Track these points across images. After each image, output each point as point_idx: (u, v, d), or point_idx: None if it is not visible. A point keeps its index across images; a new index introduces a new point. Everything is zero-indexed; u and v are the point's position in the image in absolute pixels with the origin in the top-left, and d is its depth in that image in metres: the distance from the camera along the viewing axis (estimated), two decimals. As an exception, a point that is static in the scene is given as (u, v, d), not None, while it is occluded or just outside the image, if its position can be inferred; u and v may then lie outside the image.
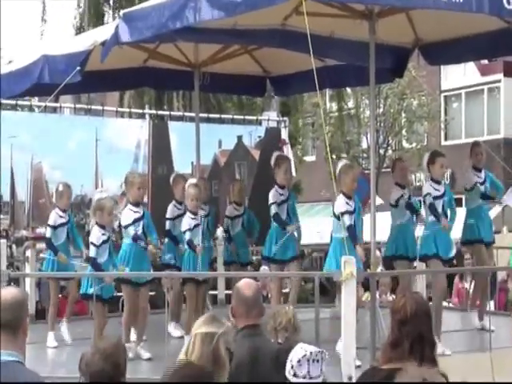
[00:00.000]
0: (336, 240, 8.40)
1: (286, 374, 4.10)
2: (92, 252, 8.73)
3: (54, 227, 9.79)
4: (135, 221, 8.88)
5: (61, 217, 9.85)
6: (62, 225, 9.84)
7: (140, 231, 8.92)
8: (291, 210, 9.79)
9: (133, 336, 8.96)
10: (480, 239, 9.64)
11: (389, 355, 4.15)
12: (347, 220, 8.31)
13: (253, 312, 4.99)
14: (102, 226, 8.84)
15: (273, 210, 9.49)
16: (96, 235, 8.80)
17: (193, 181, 9.76)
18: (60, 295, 10.51)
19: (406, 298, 4.28)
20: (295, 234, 9.73)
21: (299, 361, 4.04)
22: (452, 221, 8.96)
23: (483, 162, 9.89)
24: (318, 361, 4.02)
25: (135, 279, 8.80)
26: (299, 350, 4.12)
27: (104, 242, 8.80)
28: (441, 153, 9.26)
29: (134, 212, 8.92)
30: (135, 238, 8.80)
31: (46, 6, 22.15)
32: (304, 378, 4.01)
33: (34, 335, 9.22)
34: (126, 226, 8.85)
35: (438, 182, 8.89)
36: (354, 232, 8.37)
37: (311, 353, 4.04)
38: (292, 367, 4.07)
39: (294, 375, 4.06)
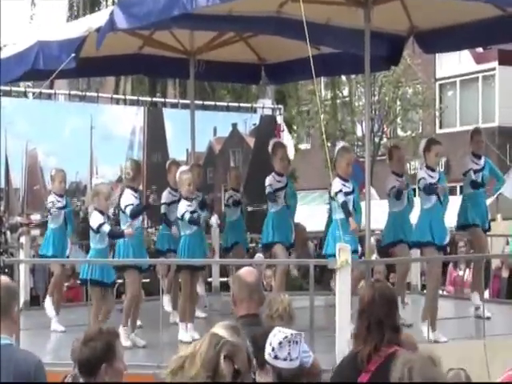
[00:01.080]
0: (335, 222, 8.44)
1: (266, 356, 4.13)
2: (106, 228, 8.72)
3: (52, 213, 9.85)
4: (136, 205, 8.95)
5: (58, 201, 9.88)
6: (59, 208, 9.87)
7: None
8: (289, 199, 9.83)
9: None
10: (475, 223, 9.65)
11: (354, 341, 4.43)
12: (341, 197, 8.34)
13: (255, 296, 4.99)
14: (101, 212, 8.86)
15: (268, 189, 9.48)
16: (97, 219, 8.81)
17: (184, 168, 9.75)
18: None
19: (366, 287, 4.45)
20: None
21: (280, 343, 4.07)
22: (444, 207, 8.95)
23: (483, 149, 9.90)
24: (296, 342, 4.08)
25: (139, 265, 8.84)
26: (279, 334, 4.15)
27: (104, 223, 8.84)
28: (437, 141, 9.24)
29: (135, 197, 8.96)
30: (133, 215, 8.82)
31: None
32: (285, 359, 4.05)
33: (28, 321, 9.24)
34: (126, 206, 8.85)
35: (433, 170, 8.87)
36: (347, 208, 8.40)
37: (291, 334, 4.09)
38: (273, 349, 4.10)
39: (275, 357, 4.10)
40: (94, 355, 3.95)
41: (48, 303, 9.83)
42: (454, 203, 9.97)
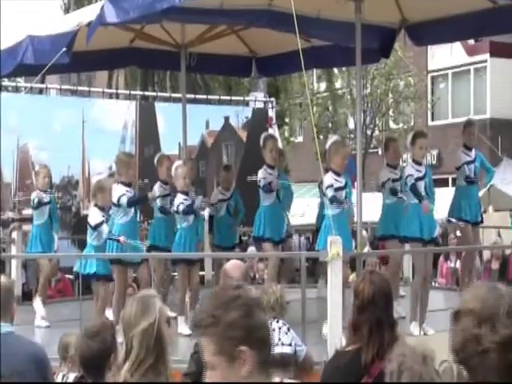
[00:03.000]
0: (326, 217, 8.37)
1: None
2: (105, 228, 8.71)
3: (35, 207, 9.83)
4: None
5: (42, 197, 9.85)
6: (43, 204, 9.84)
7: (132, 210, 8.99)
8: (281, 191, 9.90)
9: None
10: (466, 219, 9.68)
11: (351, 338, 4.32)
12: (330, 192, 8.28)
13: None
14: (101, 208, 8.85)
15: (262, 182, 9.49)
16: (96, 217, 8.81)
17: (179, 162, 9.76)
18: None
19: (364, 281, 4.35)
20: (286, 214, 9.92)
21: None
22: (432, 202, 8.94)
23: (474, 141, 9.90)
24: (274, 330, 4.03)
25: (129, 259, 8.83)
26: None
27: (102, 223, 8.85)
28: (422, 133, 9.23)
29: (126, 191, 8.93)
30: (130, 203, 8.80)
31: None
32: None
33: (20, 317, 9.21)
34: (119, 197, 8.84)
35: (419, 163, 8.86)
36: (338, 201, 8.36)
37: (270, 323, 4.04)
38: None
39: None
40: (105, 347, 3.97)
41: (38, 304, 9.79)
42: (447, 195, 10.00)
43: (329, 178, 8.43)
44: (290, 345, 4.05)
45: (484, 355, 2.39)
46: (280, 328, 4.04)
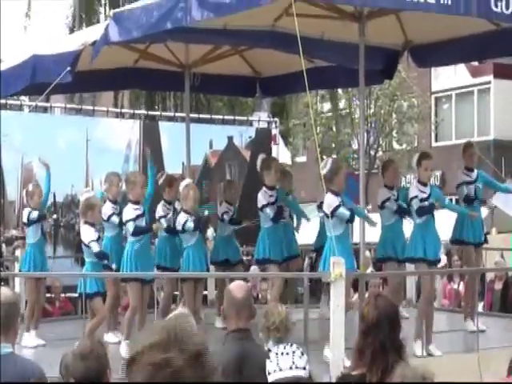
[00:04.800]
0: (330, 239, 8.21)
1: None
2: (95, 247, 8.74)
3: (27, 225, 9.79)
4: (137, 217, 8.93)
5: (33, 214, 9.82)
6: (35, 222, 9.79)
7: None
8: (293, 209, 10.00)
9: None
10: (469, 241, 9.67)
11: (356, 362, 4.32)
12: (345, 211, 8.20)
13: (243, 314, 5.00)
14: (92, 224, 8.88)
15: (269, 212, 9.47)
16: (89, 234, 8.83)
17: (189, 181, 9.74)
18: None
19: (368, 305, 4.35)
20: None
21: (269, 357, 4.04)
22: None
23: (476, 161, 9.90)
24: (287, 353, 4.03)
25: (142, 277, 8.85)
26: (272, 354, 4.13)
27: (97, 239, 8.87)
28: (427, 155, 9.23)
29: (135, 209, 8.96)
30: (136, 233, 8.83)
31: (31, 1, 22.31)
32: (274, 371, 4.00)
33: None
34: (127, 221, 8.88)
35: (424, 184, 8.87)
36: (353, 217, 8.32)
37: (279, 347, 4.05)
38: (268, 373, 4.07)
39: (268, 374, 4.07)
40: (101, 364, 3.93)
41: (32, 336, 9.60)
42: (450, 216, 10.00)
43: (333, 199, 8.20)
44: (305, 368, 4.05)
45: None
46: (294, 352, 4.04)
